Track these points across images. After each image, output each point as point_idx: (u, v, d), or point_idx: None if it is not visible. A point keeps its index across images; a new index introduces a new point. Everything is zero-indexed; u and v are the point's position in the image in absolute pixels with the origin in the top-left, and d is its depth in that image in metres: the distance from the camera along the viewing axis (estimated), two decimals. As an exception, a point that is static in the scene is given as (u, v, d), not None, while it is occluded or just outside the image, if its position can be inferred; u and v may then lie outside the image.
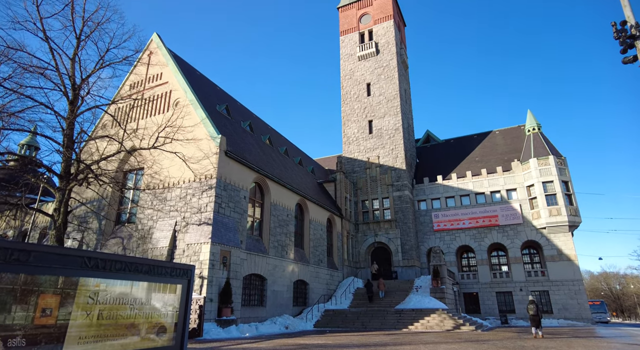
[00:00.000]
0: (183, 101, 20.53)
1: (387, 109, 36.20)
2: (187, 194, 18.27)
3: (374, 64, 38.33)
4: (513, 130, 37.98)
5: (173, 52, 24.10)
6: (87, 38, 15.96)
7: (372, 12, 40.30)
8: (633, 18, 8.73)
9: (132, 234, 19.19)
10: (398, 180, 33.88)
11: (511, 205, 31.62)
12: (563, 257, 29.07)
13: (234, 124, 24.13)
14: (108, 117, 21.45)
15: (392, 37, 38.20)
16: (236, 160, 19.39)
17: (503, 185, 32.43)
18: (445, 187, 34.41)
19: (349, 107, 38.28)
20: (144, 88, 22.37)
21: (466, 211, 32.89)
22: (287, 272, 22.59)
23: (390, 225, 32.92)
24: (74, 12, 15.53)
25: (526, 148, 32.95)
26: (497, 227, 31.70)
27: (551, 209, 29.52)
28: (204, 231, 16.94)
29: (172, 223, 18.05)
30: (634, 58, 8.70)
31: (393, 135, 35.22)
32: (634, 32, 8.48)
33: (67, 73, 15.56)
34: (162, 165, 18.90)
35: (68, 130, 15.16)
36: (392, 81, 36.81)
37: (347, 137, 37.38)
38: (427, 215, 34.30)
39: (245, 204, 19.87)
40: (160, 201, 18.86)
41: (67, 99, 15.43)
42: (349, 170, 36.16)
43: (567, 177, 30.42)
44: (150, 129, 20.10)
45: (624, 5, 8.82)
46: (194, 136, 18.54)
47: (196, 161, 18.02)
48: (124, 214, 21.13)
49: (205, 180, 17.99)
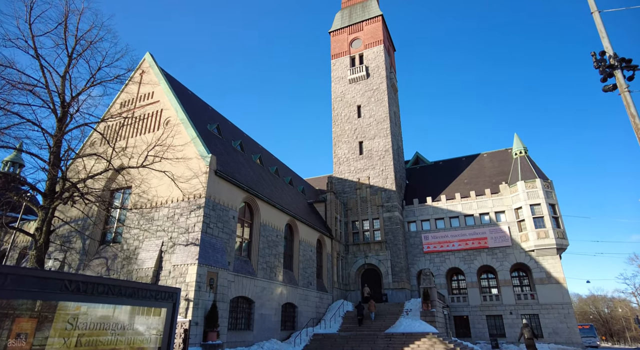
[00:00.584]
0: (174, 120, 20.51)
1: (377, 131, 36.68)
2: (175, 214, 17.98)
3: (364, 86, 39.08)
4: (500, 153, 38.69)
5: (165, 72, 24.25)
6: (79, 56, 15.96)
7: (362, 37, 41.42)
8: (611, 49, 9.12)
9: (117, 254, 18.70)
10: (388, 201, 33.96)
11: (500, 228, 31.82)
12: (552, 280, 29.13)
13: (225, 143, 24.11)
14: (97, 135, 21.26)
15: (382, 62, 39.15)
16: (226, 179, 19.26)
17: (492, 207, 32.73)
18: (434, 209, 34.58)
19: (339, 128, 38.68)
20: (135, 106, 22.33)
21: (455, 233, 32.97)
22: (275, 295, 22.12)
23: (380, 246, 32.75)
24: (67, 30, 15.59)
25: (513, 171, 33.51)
26: (486, 250, 31.76)
27: (539, 232, 29.77)
28: (191, 252, 16.60)
29: (158, 243, 17.66)
30: (614, 86, 9.04)
31: (383, 156, 35.55)
32: (612, 62, 8.85)
33: (57, 90, 15.46)
34: (150, 184, 18.66)
35: (55, 148, 14.94)
36: (382, 104, 37.48)
37: (338, 158, 37.59)
38: (417, 237, 34.26)
39: (234, 224, 19.61)
40: (147, 221, 18.50)
41: (55, 117, 15.27)
42: (339, 190, 36.18)
43: (554, 200, 30.87)
44: (140, 148, 19.95)
45: (602, 37, 9.23)
46: (183, 155, 18.44)
47: (185, 180, 17.85)
48: (110, 233, 20.64)
49: (193, 199, 17.77)
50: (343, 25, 42.97)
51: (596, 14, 9.24)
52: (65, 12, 15.41)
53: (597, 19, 9.25)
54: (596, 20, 9.25)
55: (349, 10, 44.11)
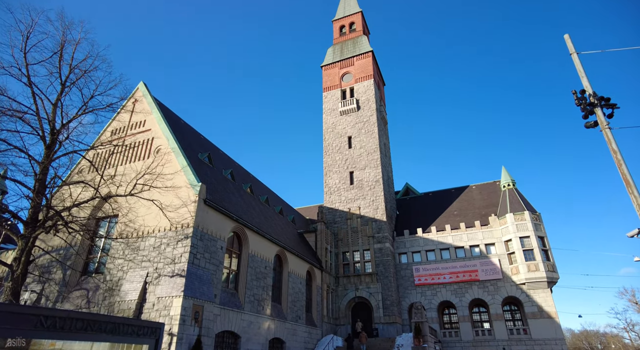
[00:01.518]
0: (165, 148, 20.48)
1: (367, 161, 37.07)
2: (162, 244, 17.55)
3: (355, 118, 39.87)
4: (489, 185, 39.20)
5: (158, 101, 24.48)
6: (72, 84, 16.04)
7: (353, 71, 42.74)
8: (590, 87, 9.54)
9: (99, 286, 18.00)
10: (379, 232, 33.77)
11: (490, 260, 31.69)
12: (544, 314, 28.75)
13: (215, 172, 24.03)
14: (85, 162, 21.04)
15: (372, 95, 40.23)
16: (215, 208, 19.03)
17: (482, 239, 32.74)
18: (425, 240, 34.43)
19: (330, 158, 39.01)
20: (126, 134, 22.32)
21: (446, 265, 32.70)
22: (262, 330, 21.33)
23: (371, 278, 32.20)
24: (62, 59, 15.76)
25: (502, 203, 33.84)
26: (477, 282, 31.43)
27: (529, 265, 29.69)
28: (176, 284, 16.07)
29: (143, 274, 17.10)
30: (595, 123, 9.38)
31: (374, 186, 35.72)
32: (592, 100, 9.23)
33: (48, 118, 15.40)
34: (137, 213, 18.32)
35: (41, 175, 14.69)
36: (372, 135, 38.13)
37: (329, 187, 37.64)
38: (408, 269, 33.85)
39: (222, 255, 19.18)
40: (132, 250, 18.00)
41: (44, 144, 15.13)
42: (330, 220, 35.94)
43: (543, 233, 31.05)
44: (129, 176, 19.74)
45: (581, 76, 9.67)
46: (173, 184, 18.27)
47: (174, 209, 17.58)
48: (92, 263, 19.96)
49: (181, 229, 17.43)
50: (335, 60, 44.41)
51: (575, 55, 9.73)
52: (62, 42, 15.67)
53: (575, 60, 9.73)
54: (575, 61, 9.72)
55: (340, 46, 45.74)
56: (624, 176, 9.24)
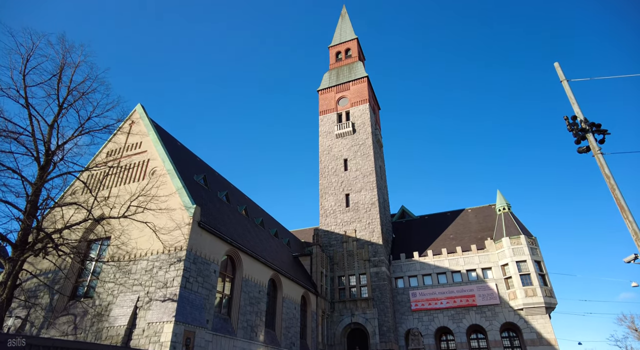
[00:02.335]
0: (160, 170, 20.41)
1: (363, 184, 37.11)
2: (154, 267, 17.19)
3: (350, 141, 40.23)
4: (484, 209, 39.24)
5: (155, 123, 24.59)
6: (69, 106, 16.09)
7: (349, 96, 43.50)
8: (581, 114, 9.74)
9: (88, 311, 17.45)
10: (375, 256, 33.41)
11: (487, 285, 31.31)
12: (543, 341, 28.17)
13: (211, 194, 23.89)
14: (79, 183, 20.85)
15: (368, 119, 40.78)
16: (209, 231, 18.80)
17: (478, 263, 32.45)
18: (422, 264, 34.07)
19: (326, 181, 39.04)
20: (121, 156, 22.27)
21: (443, 290, 32.23)
22: (255, 357, 20.64)
23: (367, 303, 31.58)
24: (60, 82, 15.90)
25: (498, 227, 33.78)
26: (475, 308, 30.91)
27: (527, 290, 29.35)
28: (168, 308, 15.64)
29: (134, 298, 16.65)
30: (587, 148, 9.51)
31: (369, 209, 35.62)
32: (584, 126, 9.39)
33: (43, 139, 15.36)
34: (130, 235, 18.03)
35: (33, 196, 14.49)
36: (367, 158, 38.38)
37: (325, 210, 37.47)
38: (404, 294, 33.31)
39: (215, 279, 18.79)
40: (124, 274, 17.59)
41: (38, 165, 15.02)
42: (325, 243, 35.58)
43: (539, 257, 30.87)
44: (123, 198, 19.56)
45: (572, 103, 9.88)
46: (167, 206, 18.10)
47: (167, 232, 17.33)
48: (82, 287, 19.43)
49: (174, 252, 17.13)
50: (331, 84, 45.26)
51: (565, 82, 9.98)
52: (61, 65, 15.84)
53: (566, 87, 9.96)
54: (565, 88, 9.96)
55: (336, 71, 46.73)
56: (618, 201, 9.29)
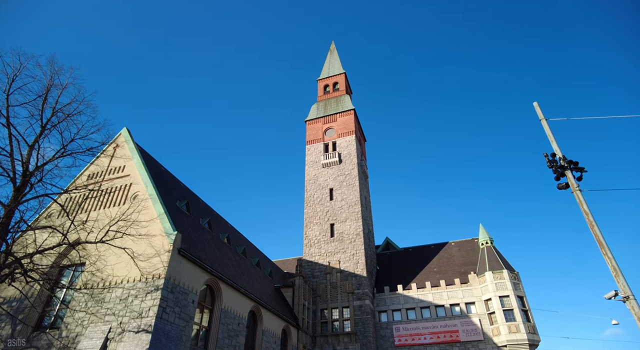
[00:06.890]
0: (142, 195, 19.98)
1: (348, 214, 37.05)
2: (129, 296, 16.41)
3: (336, 171, 40.53)
4: (468, 242, 39.46)
5: (140, 147, 24.35)
6: (53, 127, 15.79)
7: (336, 127, 44.31)
8: (560, 152, 10.10)
9: (53, 343, 16.36)
10: (359, 288, 32.84)
11: (471, 320, 30.93)
12: (528, 380, 27.61)
13: (193, 221, 23.39)
14: (56, 206, 20.18)
15: (354, 150, 41.39)
16: (189, 259, 18.23)
17: (462, 298, 32.21)
18: (405, 298, 33.59)
19: (312, 210, 38.84)
20: (103, 179, 21.79)
21: (427, 325, 31.67)
22: (231, 395, 19.52)
23: (350, 338, 30.66)
24: (45, 102, 15.69)
25: (481, 261, 33.87)
26: (458, 344, 30.34)
27: (510, 326, 29.08)
28: (141, 340, 14.80)
29: (105, 329, 15.74)
30: (567, 185, 9.80)
31: (354, 239, 35.37)
32: (562, 163, 9.72)
33: (22, 159, 14.95)
34: (107, 261, 17.32)
35: (5, 219, 13.87)
36: (353, 188, 38.57)
37: (309, 239, 37.02)
38: (388, 328, 32.54)
39: (193, 310, 18.02)
40: (96, 302, 16.71)
41: (13, 186, 14.51)
42: (309, 274, 34.88)
43: (522, 292, 30.86)
44: (102, 222, 18.93)
45: (551, 141, 10.28)
46: (147, 232, 17.57)
47: (146, 259, 16.73)
48: (48, 317, 18.32)
49: (152, 280, 16.46)
50: (318, 115, 46.14)
51: (544, 121, 10.41)
52: (48, 86, 15.70)
53: (545, 126, 10.39)
54: (544, 126, 10.38)
55: (324, 103, 47.81)
56: (597, 237, 9.48)
